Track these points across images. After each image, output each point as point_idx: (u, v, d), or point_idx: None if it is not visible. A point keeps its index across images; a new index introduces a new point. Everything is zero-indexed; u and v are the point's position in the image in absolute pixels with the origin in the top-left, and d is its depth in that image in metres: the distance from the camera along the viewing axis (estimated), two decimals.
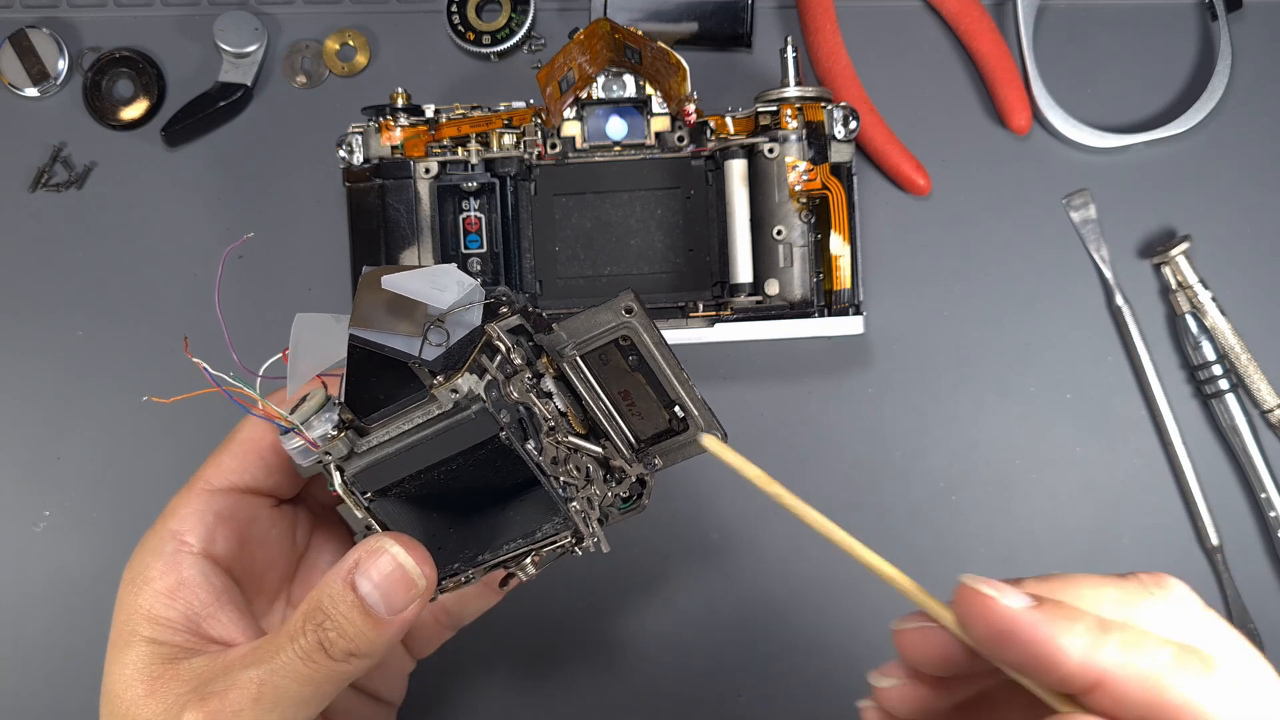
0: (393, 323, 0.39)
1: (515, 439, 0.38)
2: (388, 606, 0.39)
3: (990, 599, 0.32)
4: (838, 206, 0.55)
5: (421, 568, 0.39)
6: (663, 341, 0.40)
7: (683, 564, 0.60)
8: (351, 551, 0.40)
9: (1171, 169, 0.61)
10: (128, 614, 0.42)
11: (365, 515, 0.41)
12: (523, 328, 0.40)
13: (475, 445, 0.38)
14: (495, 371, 0.38)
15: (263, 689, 0.39)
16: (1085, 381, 0.60)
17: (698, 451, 0.41)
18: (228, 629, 0.42)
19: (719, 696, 0.59)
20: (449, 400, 0.38)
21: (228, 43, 0.59)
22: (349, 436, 0.39)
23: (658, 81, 0.54)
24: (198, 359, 0.40)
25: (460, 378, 0.38)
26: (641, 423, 0.42)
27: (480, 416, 0.38)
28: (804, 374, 0.60)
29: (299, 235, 0.60)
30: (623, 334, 0.40)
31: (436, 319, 0.39)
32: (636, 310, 0.40)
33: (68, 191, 0.61)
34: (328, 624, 0.39)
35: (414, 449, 0.39)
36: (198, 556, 0.42)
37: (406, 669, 0.50)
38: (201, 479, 0.44)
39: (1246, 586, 0.59)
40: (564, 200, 0.56)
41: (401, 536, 0.40)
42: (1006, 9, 0.61)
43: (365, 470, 0.39)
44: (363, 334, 0.39)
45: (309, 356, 0.41)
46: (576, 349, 0.40)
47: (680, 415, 0.41)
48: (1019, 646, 0.32)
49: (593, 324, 0.40)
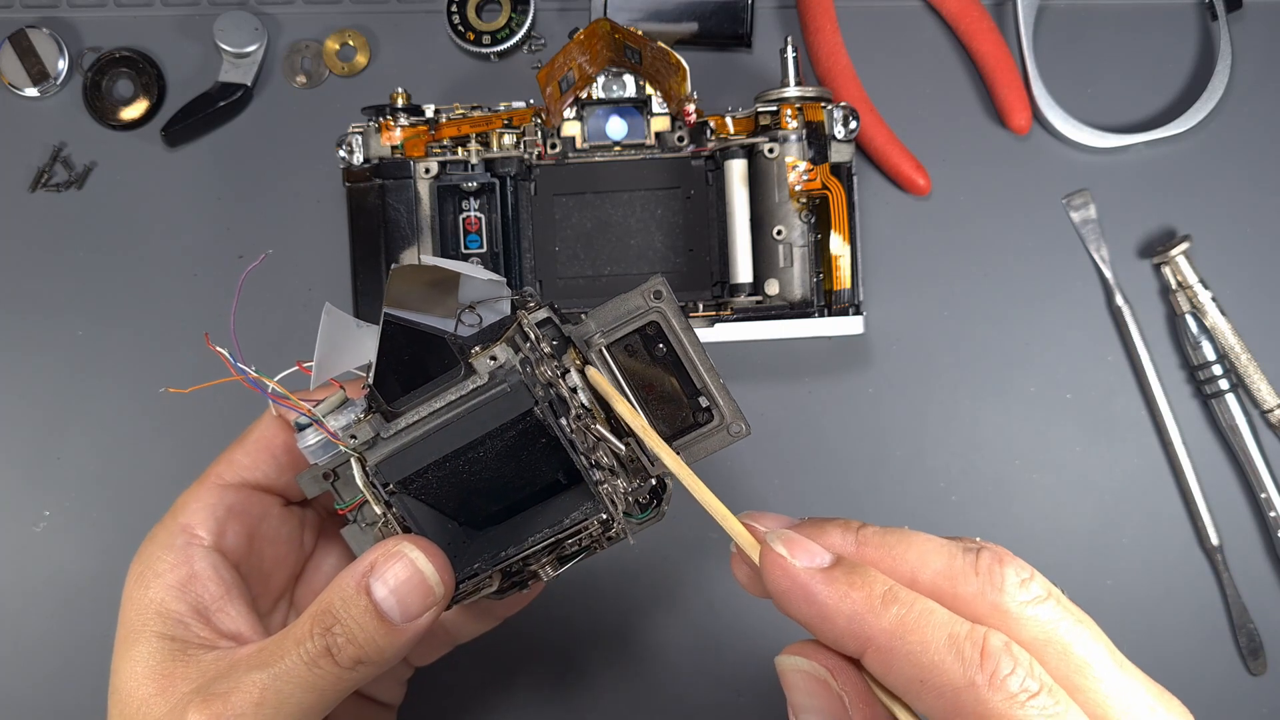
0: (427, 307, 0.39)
1: (548, 415, 0.38)
2: (403, 613, 0.38)
3: (779, 558, 0.34)
4: (838, 206, 0.55)
5: (440, 574, 0.38)
6: (690, 328, 0.40)
7: (682, 563, 0.60)
8: (368, 553, 0.39)
9: (1171, 169, 0.61)
10: (138, 608, 0.41)
11: (385, 512, 0.40)
12: (550, 320, 0.40)
13: (507, 424, 0.38)
14: (528, 351, 0.39)
15: (265, 693, 0.38)
16: (1085, 381, 0.60)
17: (725, 443, 0.41)
18: (236, 622, 0.41)
19: (719, 697, 0.59)
20: (486, 370, 0.38)
21: (228, 43, 0.59)
22: (376, 420, 0.39)
23: (658, 81, 0.54)
24: (220, 348, 0.39)
25: (498, 347, 0.38)
26: (663, 423, 0.42)
27: (516, 389, 0.38)
28: (804, 374, 0.60)
29: (299, 235, 0.60)
30: (652, 319, 0.40)
31: (468, 306, 0.39)
32: (666, 295, 0.40)
33: (68, 191, 0.61)
34: (337, 628, 0.38)
35: (445, 428, 0.38)
36: (208, 549, 0.42)
37: (405, 675, 0.49)
38: (213, 474, 0.44)
39: (1246, 586, 0.59)
40: (564, 200, 0.56)
41: (421, 540, 0.39)
42: (1006, 9, 0.61)
43: (392, 455, 0.39)
44: (398, 315, 0.39)
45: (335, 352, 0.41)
46: (604, 337, 0.40)
47: (705, 406, 0.41)
48: (797, 604, 0.34)
49: (621, 310, 0.40)
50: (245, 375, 0.40)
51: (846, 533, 0.35)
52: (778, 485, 0.60)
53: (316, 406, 0.40)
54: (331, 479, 0.41)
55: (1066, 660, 0.33)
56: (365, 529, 0.41)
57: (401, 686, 0.50)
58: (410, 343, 0.39)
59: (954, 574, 0.34)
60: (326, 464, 0.41)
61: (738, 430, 0.41)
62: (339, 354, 0.41)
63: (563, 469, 0.40)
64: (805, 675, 0.35)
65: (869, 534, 0.35)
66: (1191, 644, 0.59)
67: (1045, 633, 0.33)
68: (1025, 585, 0.33)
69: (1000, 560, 0.34)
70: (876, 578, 0.33)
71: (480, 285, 0.40)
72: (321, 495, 0.42)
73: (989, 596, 0.33)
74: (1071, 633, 0.33)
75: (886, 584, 0.33)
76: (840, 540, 0.35)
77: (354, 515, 0.41)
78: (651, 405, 0.41)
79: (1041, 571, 0.34)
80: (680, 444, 0.41)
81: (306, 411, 0.40)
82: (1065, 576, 0.59)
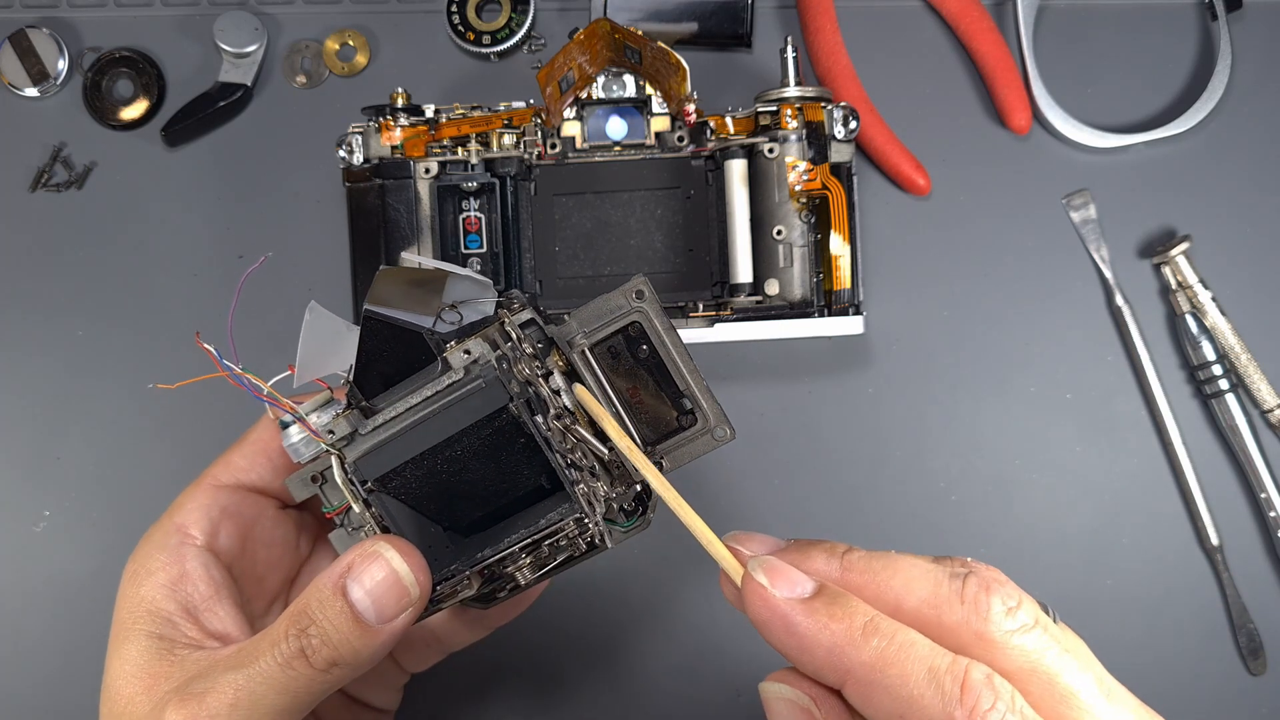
0: (408, 304, 0.39)
1: (523, 411, 0.38)
2: (378, 614, 0.38)
3: (759, 587, 0.34)
4: (838, 206, 0.55)
5: (416, 575, 0.38)
6: (673, 329, 0.40)
7: (681, 563, 0.60)
8: (345, 555, 0.39)
9: (1171, 169, 0.61)
10: (129, 606, 0.41)
11: (363, 511, 0.40)
12: (533, 321, 0.40)
13: (483, 419, 0.38)
14: (507, 350, 0.38)
15: (239, 694, 0.38)
16: (1085, 381, 0.60)
17: (708, 448, 0.41)
18: (224, 622, 0.42)
19: (719, 697, 0.59)
20: (461, 365, 0.38)
21: (228, 43, 0.59)
22: (354, 416, 0.39)
23: (658, 81, 0.54)
24: (207, 345, 0.40)
25: (473, 341, 0.38)
26: (646, 427, 0.42)
27: (491, 385, 0.38)
28: (804, 374, 0.60)
29: (299, 235, 0.60)
30: (634, 319, 0.40)
31: (449, 304, 0.39)
32: (648, 295, 0.40)
33: (68, 191, 0.61)
34: (312, 629, 0.38)
35: (421, 424, 0.38)
36: (200, 549, 0.42)
37: (400, 680, 0.49)
38: (210, 475, 0.44)
39: (1246, 586, 0.59)
40: (564, 200, 0.56)
41: (397, 540, 0.39)
42: (1006, 9, 0.61)
43: (369, 453, 0.39)
44: (377, 311, 0.39)
45: (318, 351, 0.41)
46: (586, 338, 0.40)
47: (689, 409, 0.41)
48: (777, 635, 0.34)
49: (603, 310, 0.40)
50: (230, 372, 0.40)
51: (831, 558, 0.35)
52: (777, 485, 0.60)
53: (301, 405, 0.40)
54: (320, 482, 0.41)
55: (1052, 690, 0.33)
56: (351, 533, 0.41)
57: (397, 692, 0.50)
58: (389, 339, 0.39)
59: (939, 602, 0.34)
60: (313, 466, 0.41)
61: (722, 435, 0.41)
62: (322, 354, 0.41)
63: (545, 473, 0.40)
64: (789, 703, 0.35)
65: (854, 559, 0.35)
66: (1191, 644, 0.59)
67: (1030, 662, 0.33)
68: (1012, 614, 0.33)
69: (987, 587, 0.34)
70: (858, 608, 0.33)
71: (467, 285, 0.40)
72: (318, 498, 0.42)
73: (974, 625, 0.33)
74: (1058, 662, 0.33)
75: (868, 615, 0.33)
76: (825, 565, 0.35)
77: (341, 519, 0.41)
78: (635, 409, 0.41)
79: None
80: (664, 448, 0.41)
81: (289, 409, 0.40)
82: (1065, 577, 0.59)
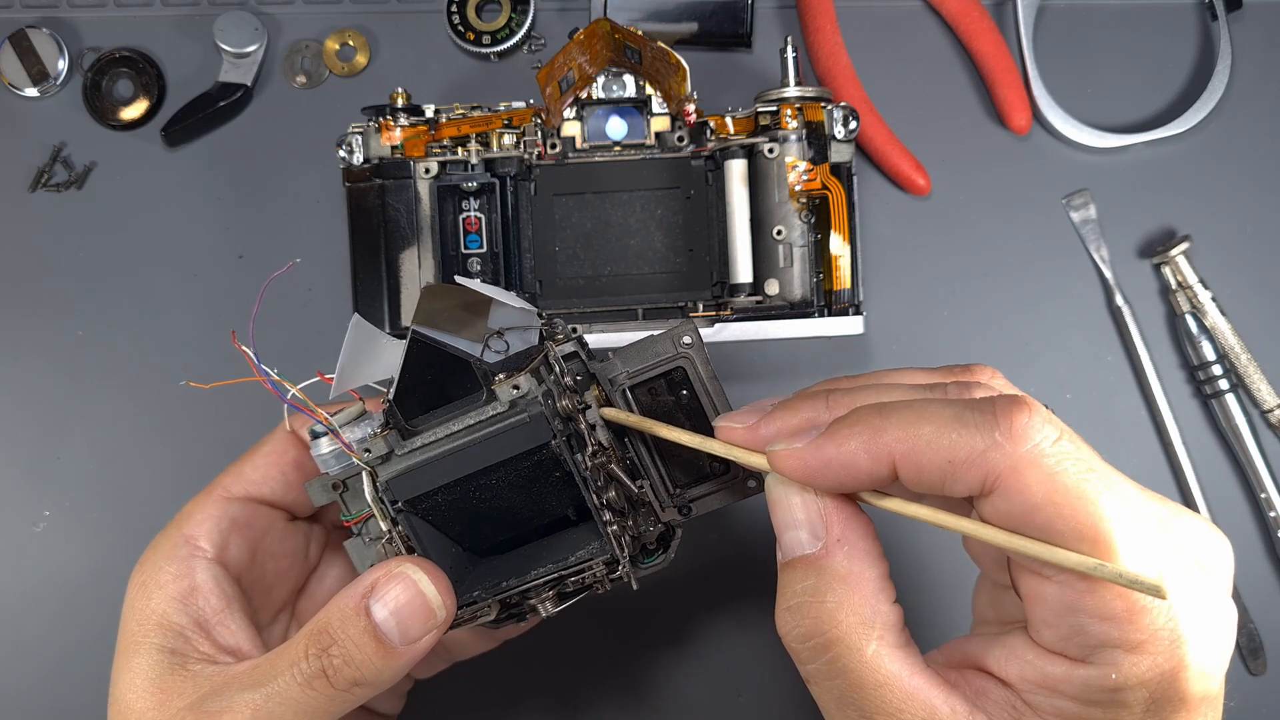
0: (456, 329, 0.39)
1: (564, 449, 0.38)
2: (402, 635, 0.37)
3: (786, 454, 0.35)
4: (838, 206, 0.55)
5: (443, 598, 0.38)
6: (716, 378, 0.41)
7: (680, 563, 0.60)
8: (368, 573, 0.38)
9: (1171, 169, 0.61)
10: (139, 618, 0.41)
11: (390, 530, 0.39)
12: (576, 355, 0.40)
13: (523, 454, 0.38)
14: (551, 384, 0.38)
15: (257, 714, 0.37)
16: (1085, 381, 0.60)
17: (737, 497, 0.41)
18: (236, 636, 0.41)
19: (719, 697, 0.59)
20: (508, 397, 0.38)
21: (228, 43, 0.59)
22: (392, 436, 0.39)
23: (658, 81, 0.54)
24: (245, 347, 0.39)
25: (522, 376, 0.38)
26: (678, 470, 0.42)
27: (535, 421, 0.38)
28: (804, 374, 0.60)
29: (299, 235, 0.60)
30: (679, 364, 0.40)
31: (496, 331, 0.39)
32: (695, 342, 0.40)
33: (68, 191, 0.61)
34: (334, 649, 0.37)
35: (461, 452, 0.38)
36: (210, 562, 0.42)
37: (405, 687, 0.49)
38: (220, 486, 0.44)
39: (1246, 586, 0.59)
40: (564, 200, 0.56)
41: (424, 562, 0.39)
42: (1006, 9, 0.61)
43: (406, 472, 0.39)
44: (426, 334, 0.39)
45: (358, 364, 0.41)
46: (630, 378, 0.40)
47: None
48: (820, 474, 0.35)
49: (649, 353, 0.40)
50: (268, 377, 0.40)
51: (816, 402, 0.36)
52: None
53: (334, 416, 0.40)
54: (340, 490, 0.41)
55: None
56: (369, 543, 0.41)
57: (401, 699, 0.49)
58: (435, 363, 0.38)
59: (938, 384, 0.37)
60: (337, 474, 0.40)
61: (752, 485, 0.41)
62: (362, 366, 0.41)
63: (573, 505, 0.40)
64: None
65: (838, 398, 0.36)
66: None
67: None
68: (998, 375, 0.38)
69: (968, 367, 0.39)
70: (862, 410, 0.34)
71: (513, 314, 0.40)
72: (328, 507, 0.42)
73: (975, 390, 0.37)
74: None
75: (875, 407, 0.34)
76: (814, 413, 0.36)
77: (359, 528, 0.41)
78: (668, 452, 0.41)
79: None
80: (693, 494, 0.42)
81: (324, 420, 0.40)
82: None
